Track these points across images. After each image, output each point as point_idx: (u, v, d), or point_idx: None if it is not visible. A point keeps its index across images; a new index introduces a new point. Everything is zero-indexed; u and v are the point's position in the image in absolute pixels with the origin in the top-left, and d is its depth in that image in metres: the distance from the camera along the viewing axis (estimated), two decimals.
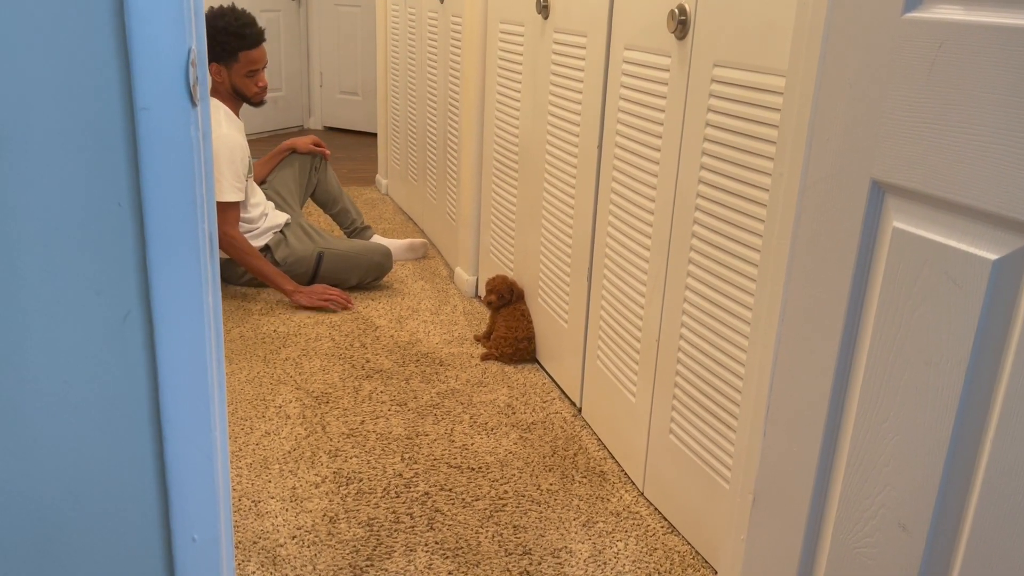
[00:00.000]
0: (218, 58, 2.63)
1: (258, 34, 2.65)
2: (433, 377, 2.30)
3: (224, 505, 0.98)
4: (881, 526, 0.92)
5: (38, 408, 0.87)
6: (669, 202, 1.61)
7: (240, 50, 2.62)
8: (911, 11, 0.84)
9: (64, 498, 0.91)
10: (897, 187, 0.87)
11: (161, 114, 0.79)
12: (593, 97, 1.91)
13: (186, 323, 0.86)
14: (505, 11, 2.42)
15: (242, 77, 2.67)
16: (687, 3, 1.49)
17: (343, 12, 5.52)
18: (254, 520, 1.67)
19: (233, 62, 2.65)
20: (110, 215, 0.82)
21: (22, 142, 0.79)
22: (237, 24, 2.60)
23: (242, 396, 2.16)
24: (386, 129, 4.11)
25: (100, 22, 0.77)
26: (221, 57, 2.63)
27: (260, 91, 2.73)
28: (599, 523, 1.70)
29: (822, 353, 0.99)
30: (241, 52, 2.63)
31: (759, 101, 1.33)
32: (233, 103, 2.73)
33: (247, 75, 2.67)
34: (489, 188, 2.68)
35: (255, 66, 2.67)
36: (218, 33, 2.57)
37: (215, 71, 2.66)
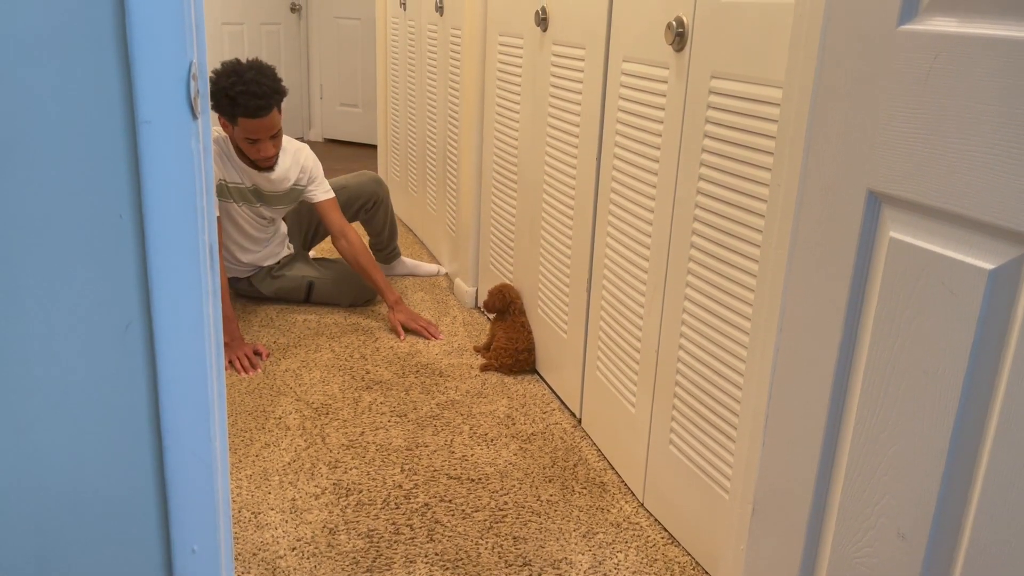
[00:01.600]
0: (221, 114, 2.44)
1: (256, 107, 2.37)
2: (433, 388, 2.30)
3: (224, 516, 0.98)
4: (880, 535, 0.92)
5: (39, 419, 0.87)
6: (668, 212, 1.62)
7: (237, 116, 2.40)
8: (906, 23, 0.84)
9: (64, 509, 0.91)
10: (893, 197, 0.88)
11: (162, 127, 0.80)
12: (592, 109, 1.92)
13: (186, 334, 0.86)
14: (504, 23, 2.44)
15: (243, 141, 2.47)
16: (685, 15, 1.50)
17: (343, 25, 5.55)
18: (254, 532, 1.67)
19: (234, 124, 2.44)
20: (112, 227, 0.83)
21: (25, 154, 0.80)
22: (238, 90, 2.35)
23: (242, 407, 2.16)
24: (386, 141, 4.13)
25: (102, 36, 0.78)
26: (223, 115, 2.43)
27: (261, 160, 2.50)
28: (599, 534, 1.70)
29: (820, 363, 0.99)
30: (239, 118, 2.40)
31: (757, 112, 1.34)
32: (244, 157, 2.56)
33: (246, 141, 2.46)
34: (489, 199, 2.69)
35: (254, 135, 2.43)
36: (217, 92, 2.37)
37: (222, 124, 2.48)
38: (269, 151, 2.48)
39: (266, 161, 2.52)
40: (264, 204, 2.66)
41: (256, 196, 2.63)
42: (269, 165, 2.54)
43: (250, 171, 2.58)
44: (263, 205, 2.66)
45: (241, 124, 2.42)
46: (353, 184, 2.97)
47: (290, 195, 2.68)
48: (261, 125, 2.41)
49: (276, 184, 2.62)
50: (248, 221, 2.67)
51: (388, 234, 3.12)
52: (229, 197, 2.60)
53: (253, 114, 2.38)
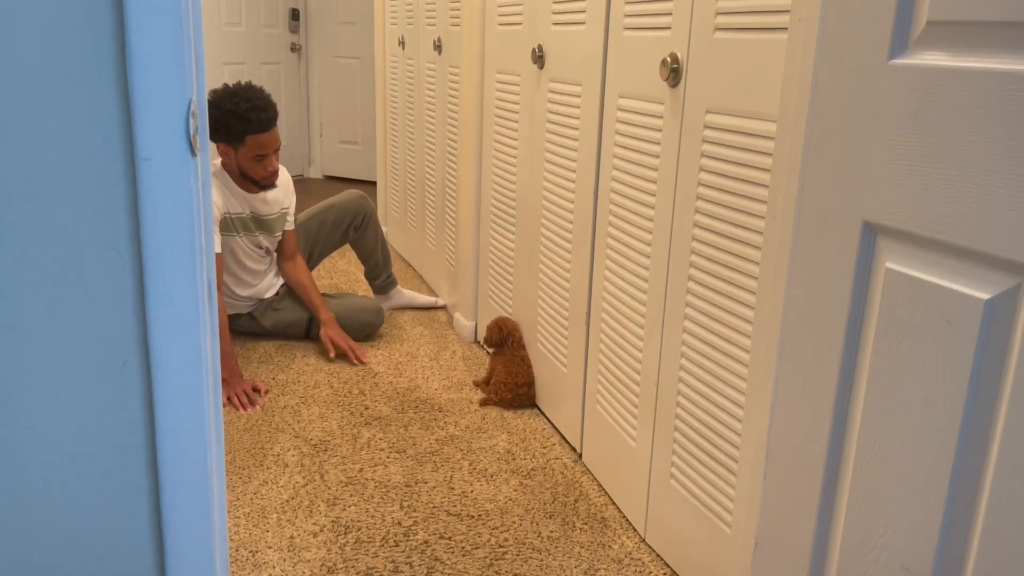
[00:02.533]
0: (224, 139, 2.52)
1: (265, 120, 2.49)
2: (432, 423, 2.28)
3: (220, 556, 0.97)
4: (884, 569, 0.91)
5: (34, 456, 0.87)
6: (665, 246, 1.62)
7: (246, 134, 2.49)
8: (896, 57, 0.86)
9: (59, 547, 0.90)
10: (888, 228, 0.88)
11: (162, 164, 0.80)
12: (588, 144, 1.93)
13: (184, 371, 0.86)
14: (501, 61, 2.47)
15: (249, 160, 2.53)
16: (679, 51, 1.52)
17: (342, 64, 5.61)
18: (251, 571, 1.65)
19: (240, 145, 2.51)
20: (109, 263, 0.83)
21: (24, 189, 0.80)
22: (244, 108, 2.45)
23: (240, 445, 2.15)
24: (385, 177, 4.15)
25: (102, 73, 0.79)
26: (227, 139, 2.52)
27: (268, 176, 2.57)
28: (601, 570, 1.68)
29: (820, 394, 0.99)
30: (248, 136, 2.49)
31: (752, 146, 1.35)
32: (242, 182, 2.61)
33: (254, 159, 2.53)
34: (487, 234, 2.70)
35: (262, 151, 2.52)
36: (224, 115, 2.45)
37: (223, 151, 2.54)
38: (275, 165, 2.58)
39: (272, 177, 2.59)
40: (263, 231, 2.71)
41: (256, 224, 2.69)
42: (272, 181, 2.61)
43: (248, 196, 2.64)
44: (262, 232, 2.71)
45: (249, 143, 2.50)
46: (339, 203, 3.04)
47: (281, 218, 2.76)
48: (271, 139, 2.53)
49: (272, 205, 2.70)
50: (247, 253, 2.70)
51: (382, 256, 3.14)
52: (232, 230, 2.64)
53: (265, 127, 2.50)
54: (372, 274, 3.16)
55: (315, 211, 3.02)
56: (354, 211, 3.05)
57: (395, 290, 3.21)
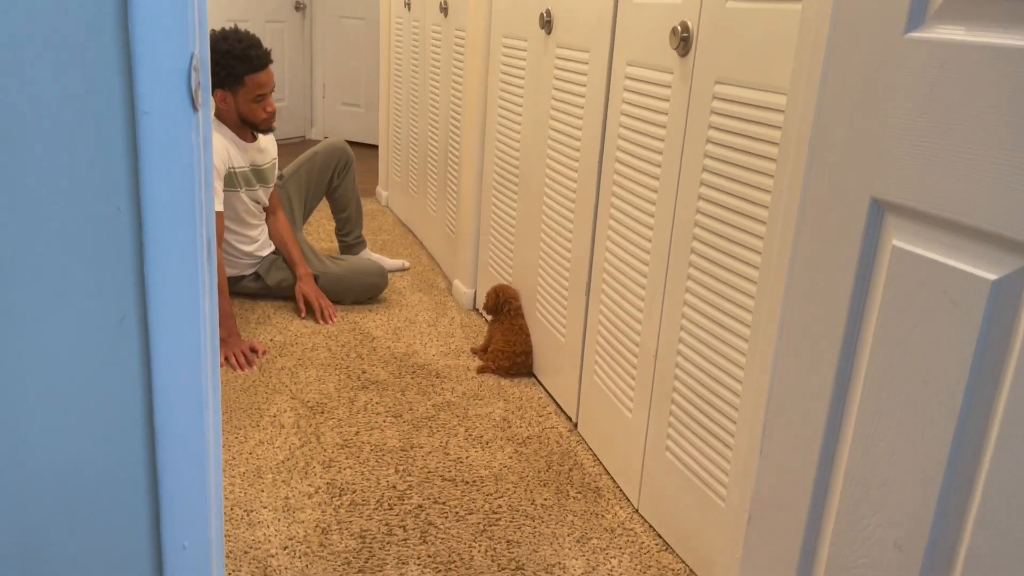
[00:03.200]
0: (223, 84, 2.50)
1: (264, 56, 2.52)
2: (429, 389, 2.29)
3: (215, 513, 0.97)
4: (877, 546, 0.92)
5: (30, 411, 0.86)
6: (669, 218, 1.61)
7: (246, 74, 2.49)
8: (913, 31, 0.84)
9: (54, 503, 0.90)
10: (897, 205, 0.87)
11: (163, 119, 0.79)
12: (594, 112, 1.91)
13: (182, 329, 0.85)
14: (508, 26, 2.43)
15: (249, 103, 2.54)
16: (690, 20, 1.50)
17: (347, 24, 5.55)
18: (246, 530, 1.66)
19: (239, 87, 2.51)
20: (108, 219, 0.82)
21: (23, 144, 0.79)
22: (242, 47, 2.46)
23: (237, 405, 2.15)
24: (387, 141, 4.12)
25: (104, 26, 0.77)
26: (226, 82, 2.50)
27: (269, 117, 2.59)
28: (593, 539, 1.69)
29: (820, 371, 0.98)
30: (247, 76, 2.50)
31: (760, 118, 1.33)
32: (240, 130, 2.62)
33: (255, 100, 2.54)
34: (489, 201, 2.69)
35: (262, 90, 2.54)
36: (222, 57, 2.44)
37: (220, 98, 2.54)
38: (274, 105, 2.61)
39: (272, 118, 2.62)
40: (261, 183, 2.74)
41: (256, 176, 2.71)
42: (272, 123, 2.64)
43: (247, 147, 2.66)
44: (260, 184, 2.74)
45: (249, 83, 2.52)
46: (322, 150, 3.08)
47: (273, 168, 2.79)
48: (269, 77, 2.56)
49: (266, 154, 2.74)
50: (247, 209, 2.72)
51: (355, 210, 3.17)
52: (236, 185, 2.66)
53: (263, 65, 2.53)
54: (344, 229, 3.18)
55: (301, 161, 3.05)
56: (338, 155, 3.08)
57: (364, 251, 3.23)
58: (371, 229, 3.72)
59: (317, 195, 3.10)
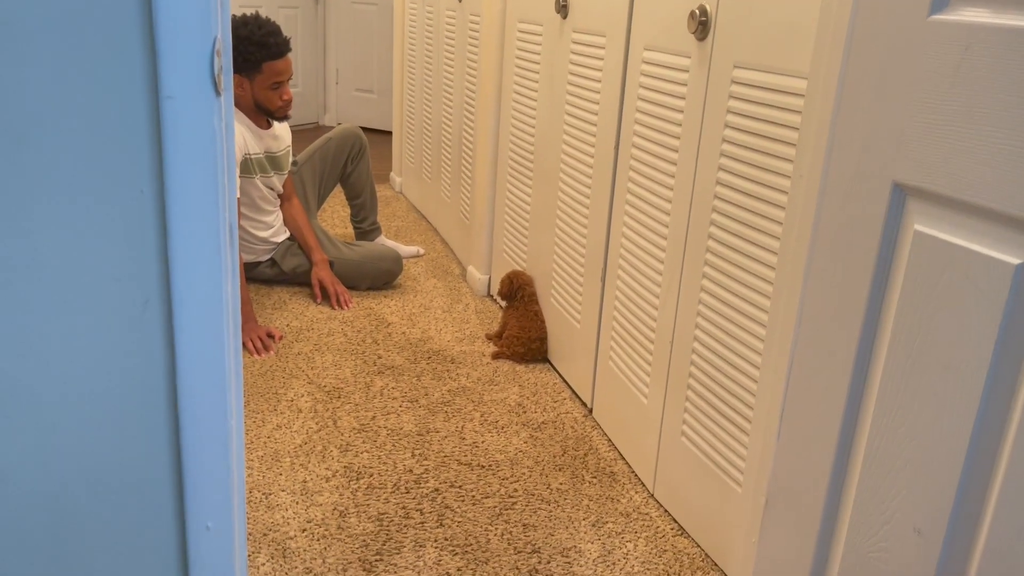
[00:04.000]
0: (240, 69, 2.50)
1: (283, 44, 2.51)
2: (444, 374, 2.30)
3: (238, 495, 0.98)
4: (896, 530, 0.92)
5: (55, 394, 0.88)
6: (686, 203, 1.61)
7: (264, 60, 2.49)
8: (937, 13, 0.83)
9: (79, 485, 0.91)
10: (919, 190, 0.87)
11: (186, 103, 0.79)
12: (611, 97, 1.90)
13: (205, 312, 0.86)
14: (524, 10, 2.42)
15: (265, 90, 2.54)
16: (708, 4, 1.49)
17: (360, 10, 5.53)
18: (265, 512, 1.68)
19: (256, 74, 2.51)
20: (132, 202, 0.83)
21: (47, 127, 0.79)
22: (261, 33, 2.45)
23: (255, 389, 2.17)
24: (401, 127, 4.12)
25: (128, 10, 0.77)
26: (243, 68, 2.50)
27: (284, 105, 2.59)
28: (608, 523, 1.70)
29: (839, 356, 0.98)
30: (265, 63, 2.49)
31: (779, 103, 1.33)
32: (256, 116, 2.62)
33: (271, 87, 2.54)
34: (503, 187, 2.68)
35: (279, 78, 2.53)
36: (240, 43, 2.44)
37: (237, 83, 2.53)
38: (290, 93, 2.61)
39: (288, 106, 2.62)
40: (275, 170, 2.74)
41: (270, 163, 2.72)
42: (288, 111, 2.64)
43: (263, 134, 2.67)
44: (275, 171, 2.74)
45: (267, 70, 2.52)
46: (336, 135, 3.08)
47: (287, 155, 2.80)
48: (286, 65, 2.55)
49: (281, 141, 2.74)
50: (262, 195, 2.73)
51: (370, 196, 3.17)
52: (251, 171, 2.67)
53: (282, 52, 2.52)
54: (359, 216, 3.19)
55: (315, 147, 3.06)
56: (351, 141, 3.09)
57: (379, 238, 3.23)
58: (385, 215, 3.72)
59: (331, 181, 3.11)
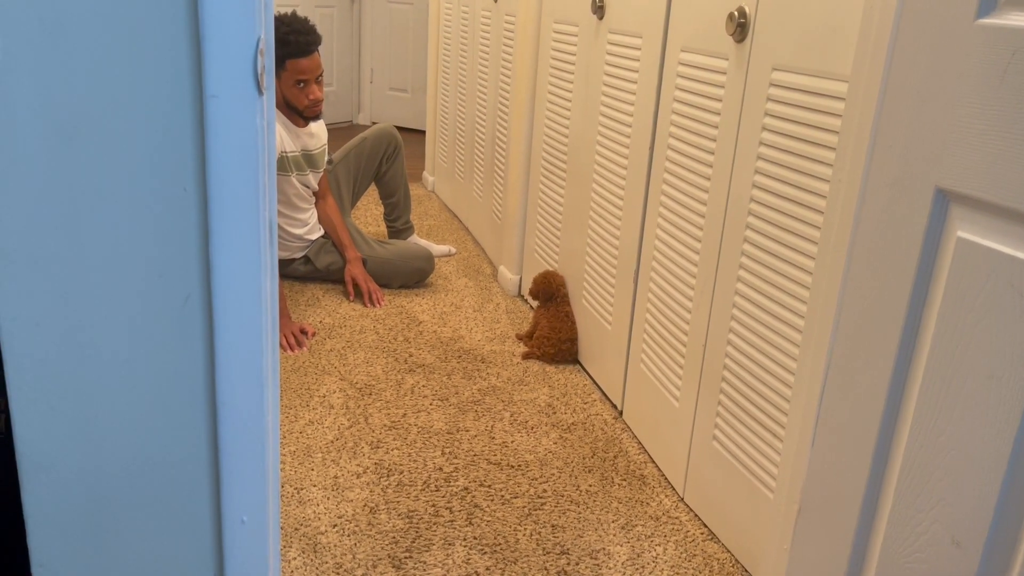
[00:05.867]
0: None
1: (306, 43, 2.48)
2: (475, 374, 2.30)
3: (273, 490, 0.99)
4: (933, 541, 0.91)
5: (98, 386, 0.89)
6: (721, 206, 1.60)
7: (286, 58, 2.47)
8: (984, 17, 0.82)
9: (120, 475, 0.93)
10: (963, 196, 0.85)
11: (229, 102, 0.80)
12: (646, 99, 1.90)
13: (245, 308, 0.87)
14: (559, 11, 2.42)
15: (291, 87, 2.53)
16: (747, 5, 1.48)
17: (396, 9, 5.56)
18: (296, 507, 1.69)
19: (281, 71, 2.50)
20: (175, 199, 0.84)
21: (94, 124, 0.81)
22: (284, 31, 2.45)
23: (287, 385, 2.19)
24: (434, 126, 4.14)
25: (173, 9, 0.79)
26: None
27: (311, 104, 2.57)
28: (638, 526, 1.70)
29: (877, 363, 0.97)
30: (288, 60, 2.48)
31: (819, 106, 1.31)
32: (290, 113, 2.62)
33: (295, 85, 2.53)
34: (536, 187, 2.69)
35: (302, 76, 2.51)
36: None
37: None
38: (318, 93, 2.59)
39: (317, 105, 2.61)
40: (311, 168, 2.76)
41: (307, 161, 2.74)
42: (318, 111, 2.63)
43: (299, 132, 2.68)
44: (311, 169, 2.76)
45: (290, 67, 2.51)
46: (371, 135, 3.10)
47: (322, 153, 2.80)
48: (312, 64, 2.52)
49: (317, 139, 2.75)
50: (297, 193, 2.75)
51: (404, 195, 3.19)
52: (287, 169, 2.69)
53: (305, 51, 2.49)
54: (392, 215, 3.21)
55: (351, 146, 3.08)
56: (387, 140, 3.10)
57: (412, 237, 3.25)
58: (417, 214, 3.74)
59: (366, 180, 3.13)
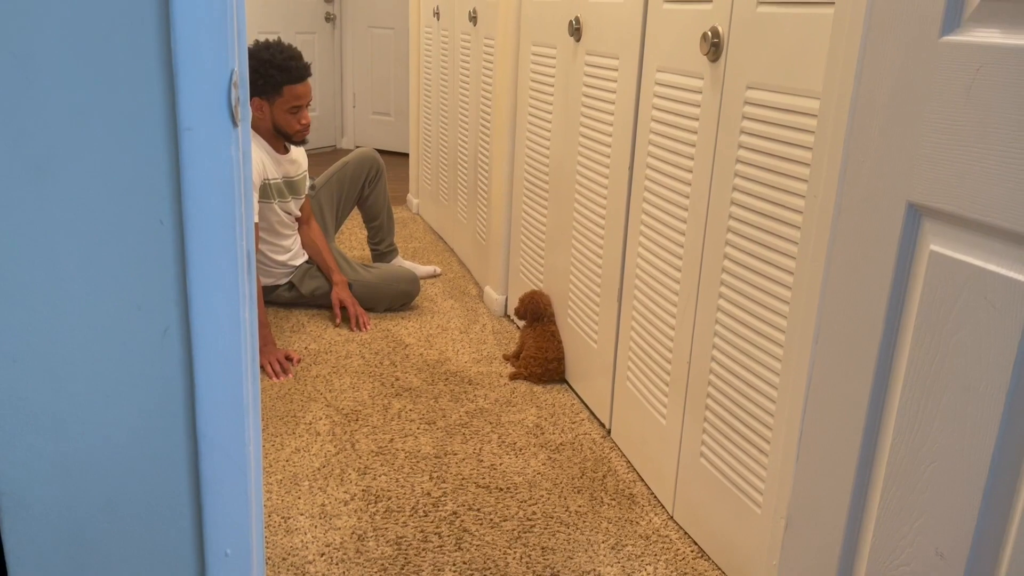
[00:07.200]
0: (261, 92, 2.54)
1: (303, 69, 2.56)
2: (462, 396, 2.30)
3: (256, 520, 0.98)
4: (918, 553, 0.91)
5: (76, 420, 0.89)
6: (701, 224, 1.61)
7: (284, 84, 2.53)
8: (948, 34, 0.83)
9: (100, 510, 0.92)
10: (934, 210, 0.86)
11: (203, 134, 0.81)
12: (625, 119, 1.91)
13: (223, 339, 0.87)
14: (538, 33, 2.44)
15: (284, 113, 2.57)
16: (720, 25, 1.50)
17: (376, 34, 5.60)
18: (283, 536, 1.68)
19: (276, 96, 2.55)
20: (152, 232, 0.84)
21: (68, 159, 0.81)
22: (282, 57, 2.50)
23: (273, 412, 2.18)
24: (418, 149, 4.15)
25: (146, 43, 0.79)
26: (264, 91, 2.54)
27: (303, 129, 2.62)
28: (628, 546, 1.69)
29: (857, 377, 0.98)
30: (285, 86, 2.53)
31: (793, 123, 1.33)
32: (274, 140, 2.65)
33: (290, 111, 2.57)
34: (519, 208, 2.70)
35: (299, 102, 2.57)
36: (262, 66, 2.49)
37: (257, 106, 2.57)
38: (308, 118, 2.65)
39: (306, 130, 2.65)
40: (292, 194, 2.77)
41: (288, 188, 2.75)
42: (306, 135, 2.67)
43: (281, 159, 2.70)
44: (292, 196, 2.77)
45: (287, 93, 2.56)
46: (353, 159, 3.12)
47: (303, 180, 2.83)
48: (306, 90, 2.59)
49: (297, 166, 2.78)
50: (280, 220, 2.75)
51: (387, 218, 3.20)
52: (270, 196, 2.69)
53: (302, 76, 2.57)
54: (376, 238, 3.22)
55: (333, 171, 3.09)
56: (368, 164, 3.12)
57: (396, 259, 3.25)
58: (402, 237, 3.74)
59: (348, 204, 3.14)
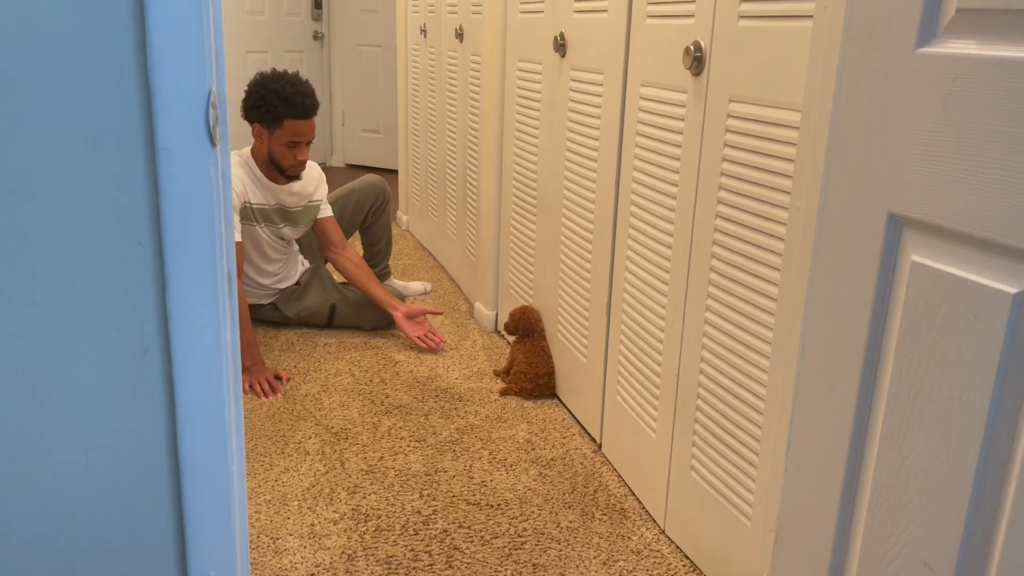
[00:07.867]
0: (262, 120, 2.50)
1: (309, 107, 2.49)
2: (452, 413, 2.29)
3: (241, 542, 0.97)
4: (906, 564, 0.90)
5: (57, 444, 0.88)
6: (687, 236, 1.61)
7: (286, 117, 2.48)
8: (925, 46, 0.84)
9: (81, 534, 0.91)
10: (914, 221, 0.87)
11: (182, 155, 0.80)
12: (610, 133, 1.92)
13: (204, 359, 0.87)
14: (523, 50, 2.45)
15: (281, 145, 2.52)
16: (702, 39, 1.51)
17: (365, 52, 5.62)
18: (272, 557, 1.66)
19: (276, 127, 2.50)
20: (130, 253, 0.84)
21: (46, 181, 0.81)
22: (290, 91, 2.46)
23: (262, 432, 2.16)
24: (407, 166, 4.16)
25: (123, 64, 0.79)
26: (265, 120, 2.50)
27: (296, 165, 2.56)
28: (620, 561, 1.68)
29: (843, 388, 0.97)
30: (287, 119, 2.48)
31: (775, 136, 1.33)
32: (268, 170, 2.60)
33: (287, 144, 2.52)
34: (508, 223, 2.70)
35: (297, 137, 2.51)
36: (268, 94, 2.45)
37: (256, 132, 2.54)
38: (306, 155, 2.57)
39: (299, 168, 2.59)
40: (287, 223, 2.71)
41: (280, 216, 2.69)
42: (298, 172, 2.61)
43: (274, 188, 2.64)
44: (286, 224, 2.71)
45: (287, 127, 2.50)
46: (360, 187, 3.08)
47: (309, 211, 2.76)
48: (308, 126, 2.52)
49: (299, 198, 2.70)
50: (269, 243, 2.71)
51: (385, 245, 3.18)
52: (252, 219, 2.64)
53: (305, 114, 2.50)
54: (372, 260, 3.19)
55: (337, 196, 3.05)
56: (375, 194, 3.08)
57: (388, 280, 3.24)
58: (393, 253, 3.74)
59: (350, 230, 3.09)
